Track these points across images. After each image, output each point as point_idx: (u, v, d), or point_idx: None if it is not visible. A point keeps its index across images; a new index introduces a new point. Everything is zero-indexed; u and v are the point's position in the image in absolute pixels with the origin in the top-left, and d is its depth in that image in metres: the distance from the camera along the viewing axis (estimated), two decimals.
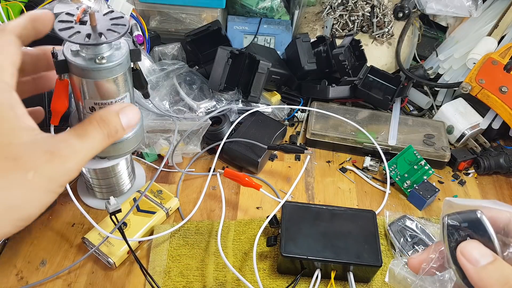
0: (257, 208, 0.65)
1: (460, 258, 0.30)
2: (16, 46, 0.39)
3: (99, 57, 0.42)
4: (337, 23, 0.85)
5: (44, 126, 0.51)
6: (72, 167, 0.38)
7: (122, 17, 0.44)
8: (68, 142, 0.38)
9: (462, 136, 0.74)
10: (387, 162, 0.69)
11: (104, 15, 0.44)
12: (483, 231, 0.30)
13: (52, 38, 0.66)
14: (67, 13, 0.43)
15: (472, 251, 0.30)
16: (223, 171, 0.64)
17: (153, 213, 0.60)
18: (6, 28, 0.39)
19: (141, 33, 0.76)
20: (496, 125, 0.74)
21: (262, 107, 0.75)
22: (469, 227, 0.31)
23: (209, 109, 0.73)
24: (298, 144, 0.75)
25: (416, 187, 0.66)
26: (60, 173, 0.37)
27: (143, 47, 0.77)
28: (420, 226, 0.60)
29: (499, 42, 0.80)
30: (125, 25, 0.43)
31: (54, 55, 0.42)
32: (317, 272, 0.55)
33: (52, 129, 0.46)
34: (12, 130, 0.36)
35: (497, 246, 0.30)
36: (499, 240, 0.30)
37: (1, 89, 0.36)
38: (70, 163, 0.37)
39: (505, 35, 0.80)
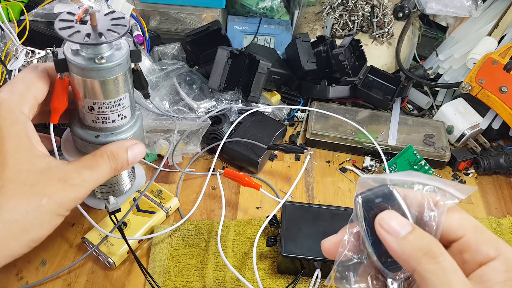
0: (257, 208, 0.65)
1: (379, 230, 0.29)
2: (43, 82, 0.43)
3: (98, 57, 0.42)
4: (337, 23, 0.85)
5: (44, 125, 0.51)
6: (80, 196, 0.42)
7: (123, 17, 0.44)
8: (79, 172, 0.41)
9: (462, 136, 0.74)
10: (387, 162, 0.69)
11: (105, 15, 0.44)
12: (397, 204, 0.29)
13: (53, 38, 0.66)
14: (69, 13, 0.43)
15: (390, 222, 0.29)
16: (223, 171, 0.64)
17: (153, 213, 0.60)
18: (39, 66, 0.44)
19: (141, 33, 0.76)
20: (496, 125, 0.74)
21: (262, 107, 0.75)
22: (384, 202, 0.30)
23: (209, 109, 0.73)
24: (298, 144, 0.75)
25: None
26: (69, 199, 0.41)
27: (143, 47, 0.77)
28: None
29: (499, 42, 0.80)
30: (125, 25, 0.43)
31: (54, 53, 0.42)
32: (317, 272, 0.54)
33: (51, 127, 0.46)
34: (29, 158, 0.40)
35: (409, 218, 0.29)
36: (413, 215, 0.29)
37: (20, 120, 0.40)
38: (79, 192, 0.41)
39: (505, 35, 0.80)
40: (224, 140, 0.68)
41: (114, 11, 0.45)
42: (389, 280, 0.29)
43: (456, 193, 0.30)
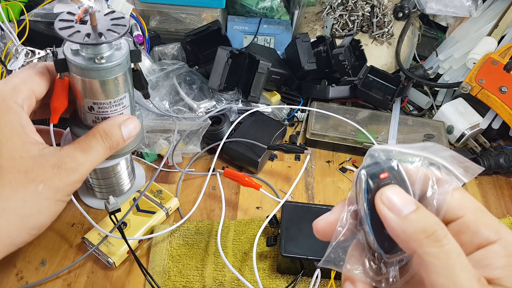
0: (257, 208, 0.65)
1: (379, 206, 0.26)
2: (42, 78, 0.43)
3: (98, 57, 0.42)
4: (337, 23, 0.85)
5: (44, 124, 0.51)
6: (77, 179, 0.41)
7: (123, 17, 0.44)
8: (72, 156, 0.41)
9: (462, 136, 0.74)
10: None
11: (105, 15, 0.44)
12: (401, 182, 0.27)
13: (53, 38, 0.66)
14: (69, 13, 0.43)
15: (393, 198, 0.26)
16: (223, 171, 0.64)
17: (153, 213, 0.60)
18: (39, 63, 0.44)
19: (141, 33, 0.76)
20: (496, 125, 0.74)
21: (262, 107, 0.75)
22: (389, 178, 0.27)
23: (209, 109, 0.73)
24: (298, 144, 0.75)
25: None
26: (66, 184, 0.40)
27: (143, 47, 0.77)
28: None
29: (499, 42, 0.80)
30: (125, 25, 0.43)
31: (54, 53, 0.42)
32: (317, 272, 0.55)
33: (51, 127, 0.46)
34: (23, 145, 0.40)
35: (412, 197, 0.27)
36: (415, 193, 0.27)
37: (13, 109, 0.40)
38: (75, 175, 0.41)
39: (505, 35, 0.81)
40: (224, 140, 0.68)
41: (114, 11, 0.45)
42: (383, 263, 0.28)
43: (462, 175, 0.28)
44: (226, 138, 0.68)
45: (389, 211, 0.26)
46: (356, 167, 0.72)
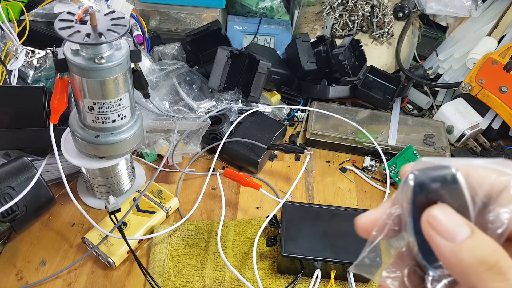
0: (257, 208, 0.65)
1: (428, 231, 0.22)
2: None
3: (98, 57, 0.42)
4: (337, 23, 0.85)
5: (43, 125, 0.51)
6: None
7: (123, 17, 0.44)
8: None
9: (462, 136, 0.74)
10: (387, 162, 0.69)
11: (105, 15, 0.44)
12: (458, 194, 0.22)
13: (53, 38, 0.66)
14: (69, 13, 0.43)
15: (444, 221, 0.22)
16: (223, 171, 0.64)
17: (153, 213, 0.60)
18: None
19: (141, 33, 0.76)
20: (496, 125, 0.74)
21: (262, 107, 0.75)
22: (441, 188, 0.23)
23: (209, 109, 0.73)
24: (298, 144, 0.75)
25: None
26: None
27: (143, 47, 0.77)
28: None
29: (499, 42, 0.80)
30: (125, 25, 0.43)
31: (54, 53, 0.42)
32: (317, 272, 0.55)
33: (51, 127, 0.46)
34: None
35: (472, 216, 0.22)
36: (477, 205, 0.23)
37: None
38: None
39: (505, 35, 0.81)
40: (224, 140, 0.68)
41: (114, 11, 0.45)
42: (430, 278, 0.24)
43: None
44: (226, 138, 0.68)
45: (440, 236, 0.22)
46: (356, 167, 0.72)
